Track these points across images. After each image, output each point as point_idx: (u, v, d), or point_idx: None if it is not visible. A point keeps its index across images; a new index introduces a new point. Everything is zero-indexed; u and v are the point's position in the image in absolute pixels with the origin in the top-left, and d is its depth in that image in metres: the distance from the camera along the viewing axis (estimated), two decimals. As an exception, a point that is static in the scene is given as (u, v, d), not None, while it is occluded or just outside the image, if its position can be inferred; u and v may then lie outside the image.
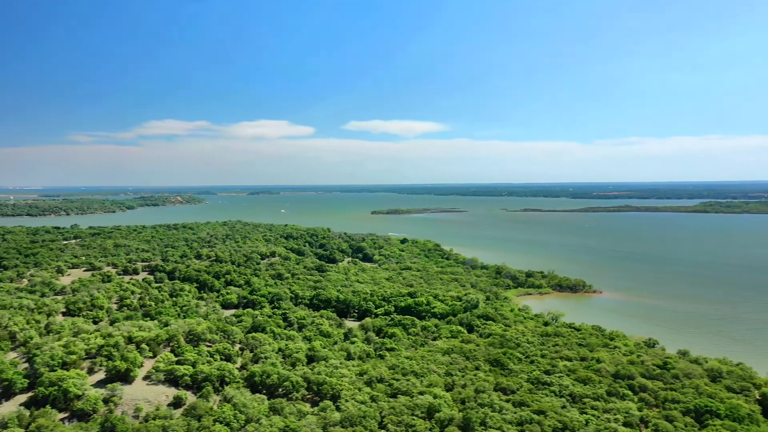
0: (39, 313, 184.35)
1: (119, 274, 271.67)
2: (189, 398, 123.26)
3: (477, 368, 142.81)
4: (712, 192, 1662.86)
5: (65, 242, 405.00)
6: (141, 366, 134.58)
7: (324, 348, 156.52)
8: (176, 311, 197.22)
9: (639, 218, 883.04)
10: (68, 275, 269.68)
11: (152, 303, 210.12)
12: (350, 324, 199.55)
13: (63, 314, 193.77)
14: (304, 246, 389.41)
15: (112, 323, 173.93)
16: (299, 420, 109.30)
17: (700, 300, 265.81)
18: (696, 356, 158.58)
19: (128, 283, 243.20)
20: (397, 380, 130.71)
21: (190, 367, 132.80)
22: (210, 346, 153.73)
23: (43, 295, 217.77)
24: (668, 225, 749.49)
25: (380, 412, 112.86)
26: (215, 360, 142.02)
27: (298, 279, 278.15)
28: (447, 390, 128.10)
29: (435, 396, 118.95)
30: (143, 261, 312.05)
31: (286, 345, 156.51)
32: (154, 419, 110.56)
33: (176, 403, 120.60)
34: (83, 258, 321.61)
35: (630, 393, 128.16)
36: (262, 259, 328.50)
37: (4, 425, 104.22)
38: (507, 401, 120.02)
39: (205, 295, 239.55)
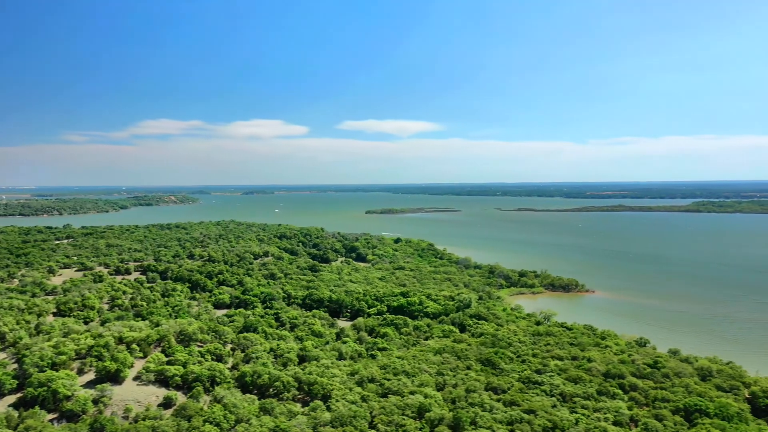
0: (29, 314, 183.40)
1: (111, 274, 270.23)
2: (179, 398, 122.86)
3: (468, 368, 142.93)
4: (705, 192, 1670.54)
5: (57, 242, 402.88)
6: (131, 366, 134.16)
7: (316, 348, 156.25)
8: (168, 311, 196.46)
9: (632, 218, 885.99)
10: (60, 275, 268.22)
11: (144, 303, 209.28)
12: (343, 324, 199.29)
13: (53, 315, 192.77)
14: (298, 246, 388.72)
15: (103, 323, 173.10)
16: (289, 420, 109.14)
17: (692, 299, 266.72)
18: (686, 355, 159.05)
19: (120, 283, 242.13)
20: (388, 380, 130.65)
21: (181, 368, 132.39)
22: (201, 347, 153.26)
23: (34, 296, 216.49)
24: (661, 224, 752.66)
25: (371, 412, 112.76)
26: (206, 360, 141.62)
27: (291, 279, 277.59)
28: (438, 389, 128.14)
29: (426, 396, 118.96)
30: (135, 261, 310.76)
31: (278, 345, 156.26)
32: (144, 420, 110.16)
33: (166, 404, 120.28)
34: (75, 258, 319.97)
35: (620, 392, 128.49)
36: (255, 259, 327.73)
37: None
38: (498, 401, 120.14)
39: (198, 295, 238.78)
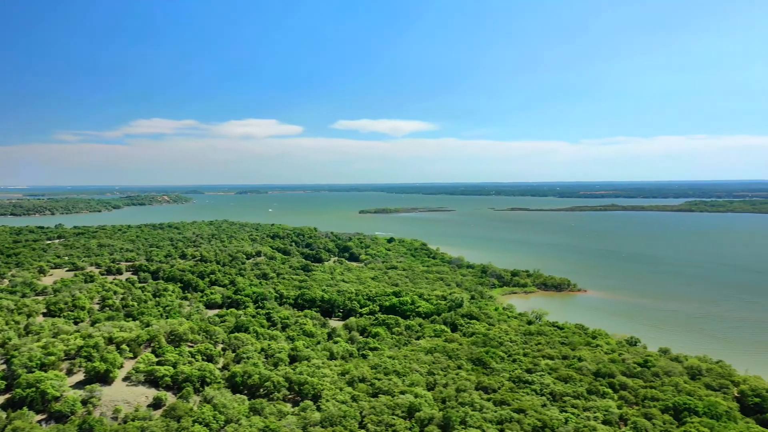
0: (19, 314, 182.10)
1: (102, 275, 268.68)
2: (169, 399, 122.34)
3: (459, 367, 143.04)
4: (697, 191, 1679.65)
5: (48, 242, 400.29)
6: (121, 367, 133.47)
7: (307, 348, 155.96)
8: (159, 311, 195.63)
9: (625, 217, 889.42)
10: (50, 275, 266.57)
11: (135, 303, 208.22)
12: (335, 324, 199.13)
13: (44, 315, 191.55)
14: (291, 245, 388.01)
15: (93, 324, 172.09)
16: (279, 420, 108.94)
17: (684, 298, 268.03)
18: (677, 354, 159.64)
19: (111, 284, 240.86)
20: (379, 380, 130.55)
21: (171, 368, 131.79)
22: (192, 347, 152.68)
23: (24, 296, 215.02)
24: (654, 224, 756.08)
25: (361, 412, 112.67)
26: (197, 360, 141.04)
27: (284, 279, 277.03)
28: (429, 389, 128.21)
29: (416, 395, 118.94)
30: (127, 261, 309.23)
31: (269, 345, 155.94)
32: (133, 420, 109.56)
33: (156, 404, 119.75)
34: (66, 258, 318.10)
35: (610, 391, 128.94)
36: (248, 259, 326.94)
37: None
38: (488, 400, 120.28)
39: (189, 295, 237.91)
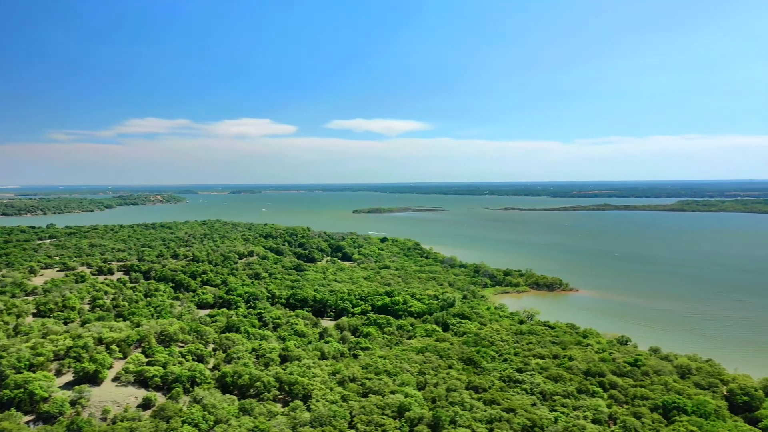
0: (8, 314, 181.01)
1: (93, 275, 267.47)
2: (159, 399, 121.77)
3: (450, 367, 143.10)
4: (690, 191, 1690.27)
5: (40, 242, 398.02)
6: (110, 367, 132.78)
7: (298, 348, 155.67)
8: (150, 311, 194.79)
9: (618, 217, 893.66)
10: (41, 275, 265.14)
11: (125, 303, 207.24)
12: (327, 323, 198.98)
13: (33, 315, 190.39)
14: (283, 245, 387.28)
15: (83, 324, 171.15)
16: (269, 420, 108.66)
17: (675, 298, 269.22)
18: (667, 353, 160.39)
19: (102, 284, 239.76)
20: (370, 380, 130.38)
21: (161, 368, 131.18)
22: (182, 347, 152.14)
23: (14, 296, 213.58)
24: (646, 223, 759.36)
25: (351, 412, 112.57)
26: (187, 361, 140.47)
27: (276, 278, 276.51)
28: (419, 389, 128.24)
29: (406, 395, 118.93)
30: (119, 261, 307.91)
31: (260, 345, 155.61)
32: (122, 421, 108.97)
33: (145, 405, 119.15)
34: (57, 258, 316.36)
35: (600, 390, 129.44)
36: (240, 259, 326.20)
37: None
38: (478, 399, 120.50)
39: (181, 295, 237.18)
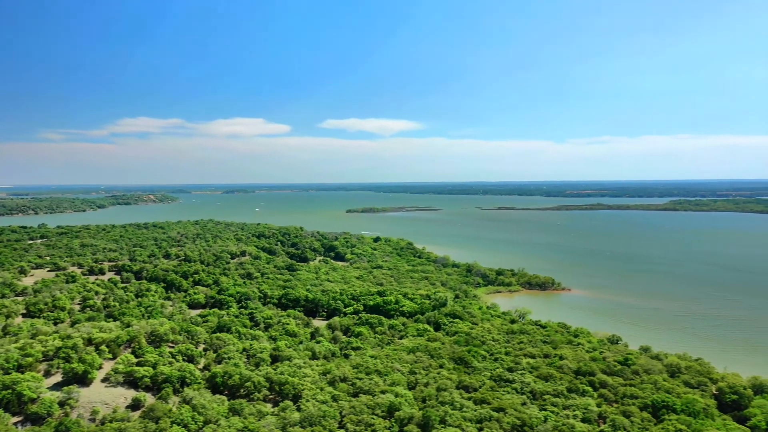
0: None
1: (84, 275, 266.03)
2: (148, 400, 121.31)
3: (441, 366, 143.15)
4: (682, 190, 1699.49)
5: (31, 242, 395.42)
6: (100, 368, 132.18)
7: (289, 348, 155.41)
8: (141, 312, 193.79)
9: (611, 216, 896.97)
10: (31, 276, 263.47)
11: (116, 304, 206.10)
12: (318, 323, 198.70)
13: (23, 316, 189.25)
14: (276, 245, 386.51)
15: (73, 325, 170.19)
16: (258, 420, 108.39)
17: (667, 297, 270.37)
18: (657, 352, 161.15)
19: (93, 284, 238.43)
20: (360, 379, 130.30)
21: (150, 369, 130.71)
22: (172, 347, 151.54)
23: (3, 297, 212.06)
24: (639, 223, 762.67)
25: (340, 412, 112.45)
26: (177, 361, 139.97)
27: (268, 278, 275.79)
28: (410, 388, 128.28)
29: (396, 395, 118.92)
30: (110, 261, 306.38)
31: (251, 345, 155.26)
32: (111, 422, 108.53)
33: (135, 405, 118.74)
34: (48, 258, 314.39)
35: (590, 389, 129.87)
36: (233, 259, 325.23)
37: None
38: (468, 399, 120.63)
39: (172, 295, 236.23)
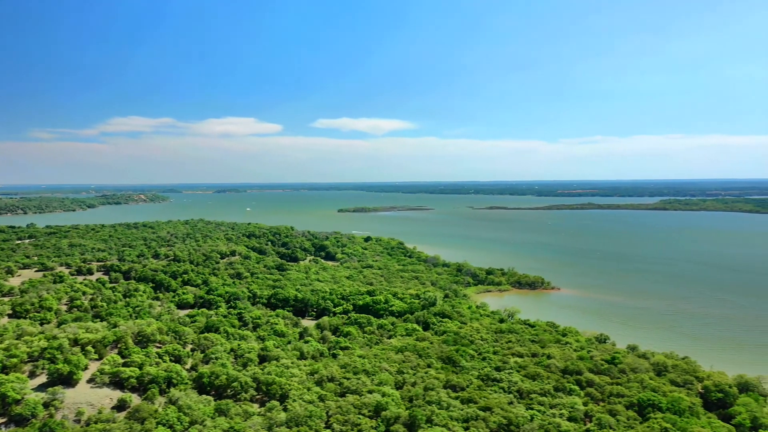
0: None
1: (72, 275, 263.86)
2: (134, 401, 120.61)
3: (429, 366, 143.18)
4: (672, 190, 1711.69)
5: (18, 242, 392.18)
6: (86, 369, 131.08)
7: (277, 348, 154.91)
8: (128, 312, 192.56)
9: (601, 216, 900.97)
10: (18, 276, 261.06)
11: (104, 304, 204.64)
12: (308, 323, 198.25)
13: (9, 316, 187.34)
14: (266, 245, 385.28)
15: (60, 325, 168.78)
16: (245, 421, 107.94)
17: (656, 296, 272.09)
18: (644, 351, 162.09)
19: (80, 284, 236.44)
20: (348, 379, 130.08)
21: (137, 369, 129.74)
22: (160, 348, 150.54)
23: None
24: (629, 222, 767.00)
25: (327, 412, 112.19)
26: (164, 361, 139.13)
27: (258, 278, 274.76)
28: (397, 388, 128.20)
29: (384, 394, 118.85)
30: (98, 261, 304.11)
31: (239, 345, 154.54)
32: (96, 423, 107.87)
33: (120, 406, 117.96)
34: (35, 258, 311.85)
35: (577, 388, 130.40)
36: (222, 258, 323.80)
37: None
38: (455, 398, 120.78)
39: (161, 295, 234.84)
